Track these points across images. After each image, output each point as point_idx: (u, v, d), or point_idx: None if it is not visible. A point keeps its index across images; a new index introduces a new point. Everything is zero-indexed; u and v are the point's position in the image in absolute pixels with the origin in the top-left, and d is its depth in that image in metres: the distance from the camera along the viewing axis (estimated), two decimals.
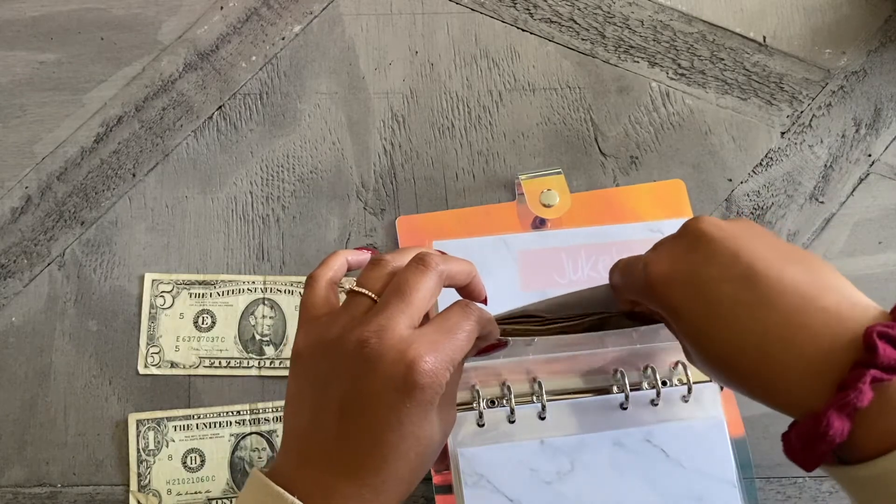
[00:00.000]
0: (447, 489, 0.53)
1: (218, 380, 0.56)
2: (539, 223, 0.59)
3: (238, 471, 0.54)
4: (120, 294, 0.59)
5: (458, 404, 0.54)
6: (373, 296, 0.40)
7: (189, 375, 0.56)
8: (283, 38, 0.65)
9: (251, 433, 0.55)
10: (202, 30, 0.65)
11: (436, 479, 0.53)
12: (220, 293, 0.58)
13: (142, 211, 0.61)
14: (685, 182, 0.61)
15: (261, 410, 0.55)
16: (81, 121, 0.63)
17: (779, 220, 0.60)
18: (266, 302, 0.58)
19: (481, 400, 0.53)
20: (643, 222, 0.58)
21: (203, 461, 0.54)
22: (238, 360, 0.56)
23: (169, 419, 0.55)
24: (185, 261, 0.59)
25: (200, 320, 0.57)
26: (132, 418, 0.55)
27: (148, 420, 0.55)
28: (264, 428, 0.55)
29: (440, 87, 0.64)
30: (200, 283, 0.58)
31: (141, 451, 0.54)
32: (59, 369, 0.57)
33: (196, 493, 0.54)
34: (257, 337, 0.57)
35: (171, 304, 0.58)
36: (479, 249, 0.57)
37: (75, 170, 0.62)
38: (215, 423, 0.55)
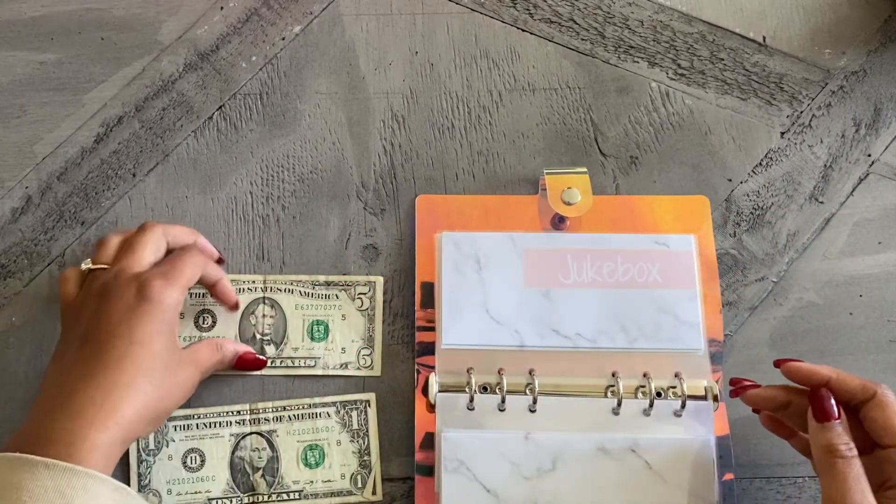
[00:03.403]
0: (428, 470, 0.53)
1: (218, 379, 0.56)
2: (558, 221, 0.59)
3: (238, 471, 0.54)
4: None
5: (451, 387, 0.54)
6: (107, 267, 0.50)
7: None
8: (283, 38, 0.65)
9: (251, 433, 0.55)
10: (202, 30, 0.65)
11: (418, 457, 0.53)
12: None
13: (142, 211, 0.61)
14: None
15: (261, 410, 0.55)
16: (81, 121, 0.63)
17: (778, 221, 0.61)
18: (266, 301, 0.58)
19: (474, 384, 0.53)
20: (651, 234, 0.58)
21: (203, 461, 0.54)
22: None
23: (169, 419, 0.55)
24: None
25: (201, 320, 0.57)
26: None
27: None
28: (264, 428, 0.55)
29: (440, 87, 0.64)
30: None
31: (141, 450, 0.54)
32: None
33: (196, 493, 0.54)
34: (258, 336, 0.57)
35: None
36: (486, 244, 0.58)
37: (75, 170, 0.62)
38: (215, 422, 0.55)
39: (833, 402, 0.44)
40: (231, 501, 0.54)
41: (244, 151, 0.62)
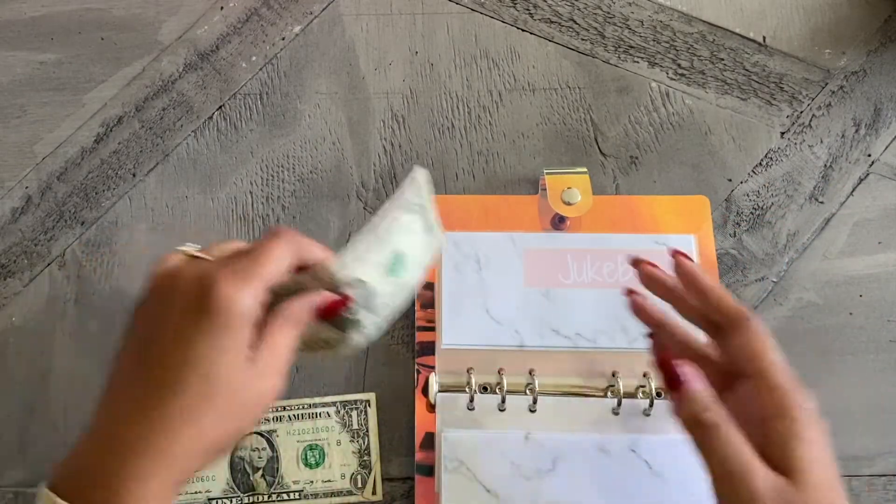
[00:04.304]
0: (428, 470, 0.53)
1: None
2: (559, 221, 0.59)
3: (238, 471, 0.54)
4: (120, 294, 0.59)
5: (451, 387, 0.54)
6: (209, 258, 0.39)
7: None
8: (283, 38, 0.65)
9: (251, 433, 0.55)
10: (202, 30, 0.65)
11: (418, 457, 0.53)
12: None
13: (142, 211, 0.61)
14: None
15: None
16: (81, 121, 0.63)
17: (778, 221, 0.60)
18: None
19: (474, 384, 0.53)
20: (651, 234, 0.58)
21: None
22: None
23: None
24: None
25: None
26: None
27: None
28: (264, 428, 0.55)
29: (440, 87, 0.64)
30: None
31: None
32: (59, 369, 0.57)
33: (196, 492, 0.54)
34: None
35: None
36: (486, 244, 0.58)
37: (75, 170, 0.62)
38: None
39: (686, 367, 0.40)
40: (231, 501, 0.54)
41: (244, 151, 0.62)
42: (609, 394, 0.54)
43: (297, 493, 0.54)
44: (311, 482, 0.54)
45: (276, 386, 0.38)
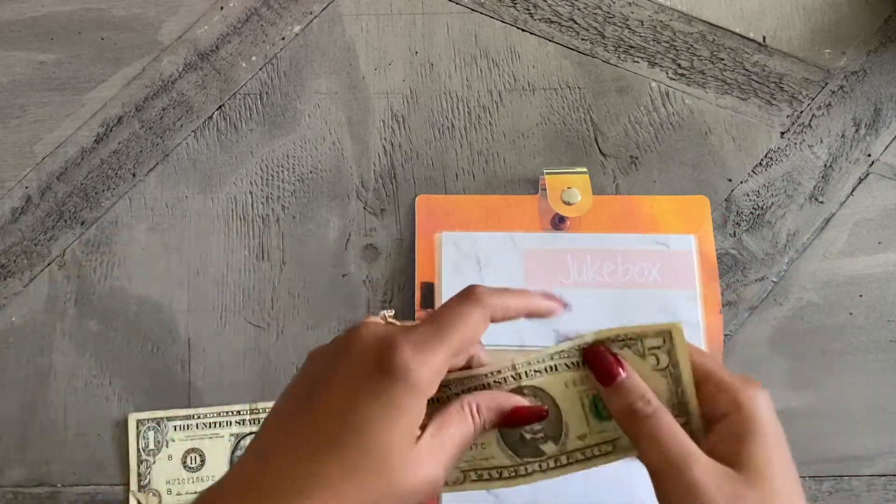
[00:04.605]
0: None
1: (218, 379, 0.56)
2: (559, 221, 0.59)
3: None
4: (120, 294, 0.59)
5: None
6: (395, 323, 0.36)
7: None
8: (283, 38, 0.65)
9: (251, 433, 0.55)
10: (202, 30, 0.65)
11: None
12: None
13: (142, 211, 0.61)
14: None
15: (261, 410, 0.55)
16: (81, 121, 0.63)
17: (778, 221, 0.60)
18: (526, 391, 0.38)
19: None
20: (651, 234, 0.58)
21: (203, 461, 0.54)
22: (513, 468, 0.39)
23: (169, 419, 0.55)
24: (186, 261, 0.60)
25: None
26: (132, 418, 0.55)
27: (148, 420, 0.55)
28: None
29: (440, 87, 0.64)
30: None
31: (141, 450, 0.54)
32: (59, 369, 0.57)
33: (196, 492, 0.54)
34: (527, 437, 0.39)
35: None
36: (486, 244, 0.58)
37: (75, 170, 0.62)
38: (215, 422, 0.55)
39: (612, 357, 0.37)
40: None
41: (244, 151, 0.62)
42: None
43: None
44: None
45: (434, 478, 0.34)
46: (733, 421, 0.35)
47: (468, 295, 0.35)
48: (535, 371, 0.38)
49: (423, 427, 0.34)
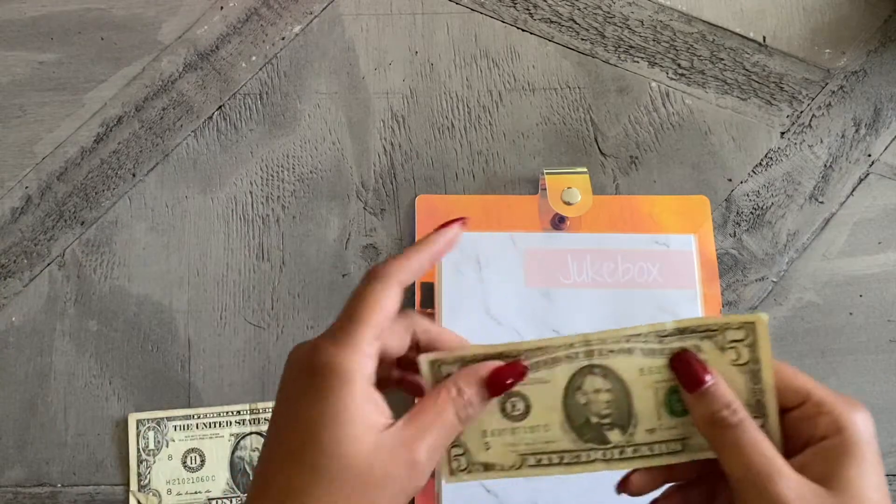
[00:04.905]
0: None
1: (218, 379, 0.56)
2: (559, 221, 0.59)
3: (238, 471, 0.54)
4: (120, 294, 0.59)
5: None
6: None
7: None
8: (283, 38, 0.65)
9: (251, 433, 0.55)
10: (202, 30, 0.65)
11: None
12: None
13: (142, 211, 0.61)
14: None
15: (261, 410, 0.55)
16: (81, 121, 0.63)
17: (778, 221, 0.61)
18: (596, 370, 0.36)
19: None
20: (651, 234, 0.58)
21: (203, 461, 0.54)
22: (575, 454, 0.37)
23: (169, 419, 0.55)
24: (186, 261, 0.60)
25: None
26: (132, 418, 0.55)
27: (148, 420, 0.55)
28: (264, 428, 0.55)
29: (440, 87, 0.64)
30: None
31: (141, 450, 0.54)
32: (59, 369, 0.57)
33: (196, 492, 0.54)
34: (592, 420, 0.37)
35: None
36: (486, 244, 0.58)
37: (75, 170, 0.62)
38: (215, 422, 0.55)
39: (699, 362, 0.35)
40: (231, 501, 0.54)
41: (244, 151, 0.62)
42: None
43: None
44: None
45: (413, 461, 0.33)
46: (832, 442, 0.34)
47: (366, 276, 0.36)
48: (609, 350, 0.36)
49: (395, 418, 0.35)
